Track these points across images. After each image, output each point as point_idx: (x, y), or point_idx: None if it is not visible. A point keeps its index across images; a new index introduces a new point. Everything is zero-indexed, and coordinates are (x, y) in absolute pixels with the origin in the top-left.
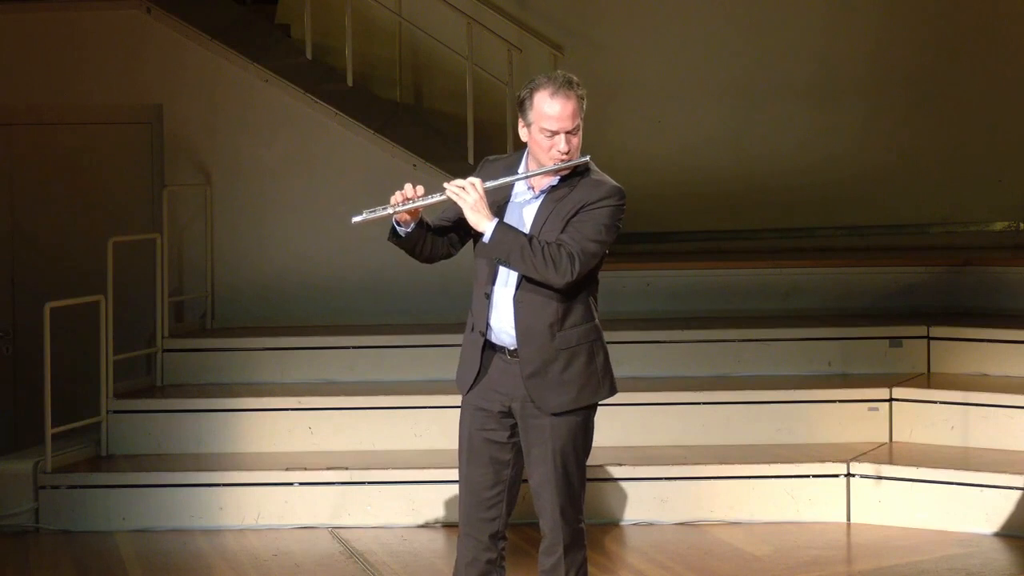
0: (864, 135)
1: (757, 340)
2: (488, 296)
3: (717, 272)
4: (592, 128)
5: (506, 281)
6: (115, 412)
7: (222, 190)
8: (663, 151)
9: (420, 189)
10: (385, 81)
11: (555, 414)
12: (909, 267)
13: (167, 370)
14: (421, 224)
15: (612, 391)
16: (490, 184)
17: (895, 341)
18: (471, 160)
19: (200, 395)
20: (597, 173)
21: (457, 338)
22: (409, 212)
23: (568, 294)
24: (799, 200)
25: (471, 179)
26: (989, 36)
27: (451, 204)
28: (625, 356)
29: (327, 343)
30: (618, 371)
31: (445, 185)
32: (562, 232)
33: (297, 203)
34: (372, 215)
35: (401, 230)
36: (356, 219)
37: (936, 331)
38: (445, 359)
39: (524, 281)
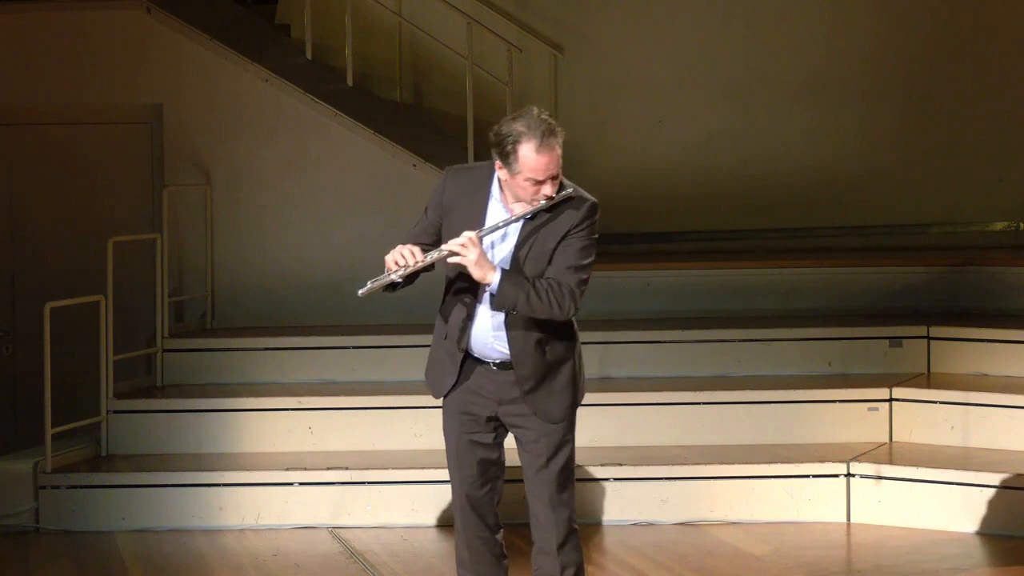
0: (864, 135)
1: (757, 340)
2: (471, 316)
3: (717, 272)
4: (592, 128)
5: (490, 302)
6: (115, 412)
7: (222, 190)
8: (663, 151)
9: (416, 251)
10: (385, 81)
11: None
12: (909, 267)
13: (167, 370)
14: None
15: (583, 391)
16: (485, 232)
17: (895, 341)
18: (471, 160)
19: (200, 395)
20: (571, 187)
21: None
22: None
23: None
24: (799, 200)
25: (467, 235)
26: (989, 36)
27: (430, 222)
28: (625, 356)
29: (327, 343)
30: (618, 371)
31: (443, 247)
32: (552, 257)
33: (297, 203)
34: (376, 283)
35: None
36: (361, 291)
37: (936, 331)
38: None
39: None
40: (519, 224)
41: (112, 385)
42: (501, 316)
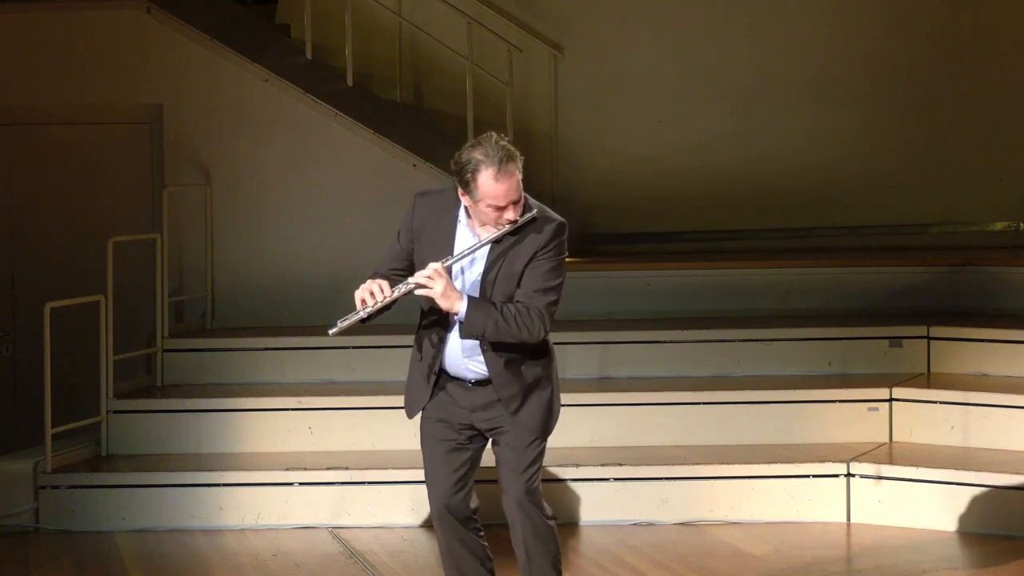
0: (864, 135)
1: (757, 340)
2: (443, 343)
3: (717, 272)
4: (592, 129)
5: (459, 331)
6: (115, 412)
7: (222, 190)
8: (664, 151)
9: (385, 286)
10: (385, 81)
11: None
12: (909, 267)
13: (167, 370)
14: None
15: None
16: (451, 263)
17: (895, 341)
18: None
19: (200, 395)
20: (537, 207)
21: None
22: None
23: None
24: (799, 200)
25: (433, 266)
26: (989, 36)
27: (402, 247)
28: (625, 356)
29: (327, 343)
30: (618, 371)
31: (410, 280)
32: (521, 278)
33: (297, 203)
34: (346, 322)
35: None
36: (332, 330)
37: (936, 331)
38: None
39: None
40: (487, 248)
41: (112, 385)
42: (473, 341)
